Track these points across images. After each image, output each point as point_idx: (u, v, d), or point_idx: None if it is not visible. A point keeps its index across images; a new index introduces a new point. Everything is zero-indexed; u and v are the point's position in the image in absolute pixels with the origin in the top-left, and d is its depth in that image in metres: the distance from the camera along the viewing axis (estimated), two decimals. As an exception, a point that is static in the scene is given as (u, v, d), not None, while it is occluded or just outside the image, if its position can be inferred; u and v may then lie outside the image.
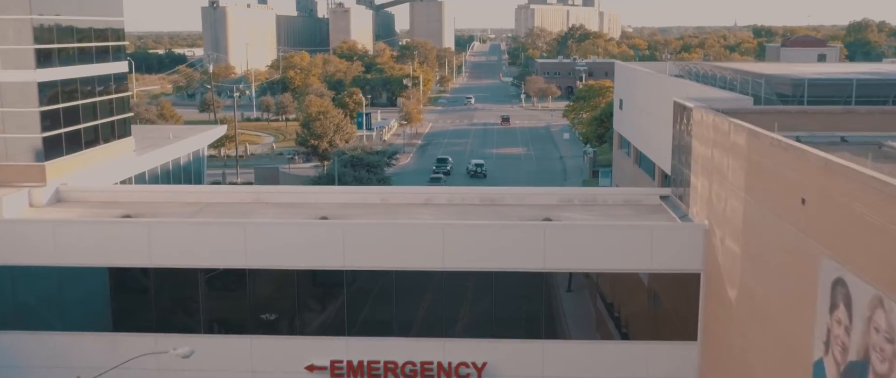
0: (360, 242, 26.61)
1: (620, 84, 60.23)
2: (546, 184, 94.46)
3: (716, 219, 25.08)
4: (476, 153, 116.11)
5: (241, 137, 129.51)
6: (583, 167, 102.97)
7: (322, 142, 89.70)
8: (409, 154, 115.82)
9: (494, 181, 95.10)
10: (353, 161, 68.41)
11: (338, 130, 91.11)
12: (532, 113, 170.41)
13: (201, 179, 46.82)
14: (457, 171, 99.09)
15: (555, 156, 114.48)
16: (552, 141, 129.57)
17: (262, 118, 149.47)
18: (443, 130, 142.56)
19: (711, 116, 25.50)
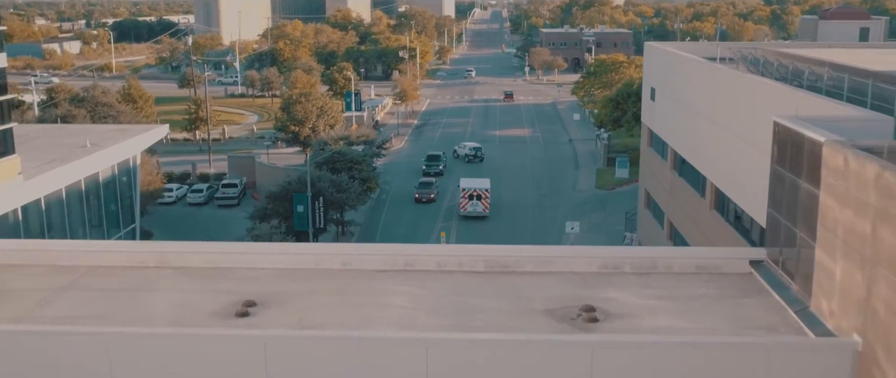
0: (294, 367, 16.59)
1: (653, 70, 49.91)
2: (554, 173, 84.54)
3: (879, 336, 15.16)
4: (476, 136, 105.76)
5: (221, 117, 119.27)
6: (596, 153, 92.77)
7: (303, 128, 79.47)
8: (404, 136, 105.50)
9: (496, 169, 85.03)
10: (333, 159, 58.23)
11: (322, 114, 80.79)
12: (537, 87, 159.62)
13: (131, 203, 36.98)
14: (452, 166, 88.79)
15: (563, 138, 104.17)
16: (560, 120, 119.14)
17: (247, 94, 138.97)
18: (441, 108, 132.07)
19: (872, 167, 15.40)
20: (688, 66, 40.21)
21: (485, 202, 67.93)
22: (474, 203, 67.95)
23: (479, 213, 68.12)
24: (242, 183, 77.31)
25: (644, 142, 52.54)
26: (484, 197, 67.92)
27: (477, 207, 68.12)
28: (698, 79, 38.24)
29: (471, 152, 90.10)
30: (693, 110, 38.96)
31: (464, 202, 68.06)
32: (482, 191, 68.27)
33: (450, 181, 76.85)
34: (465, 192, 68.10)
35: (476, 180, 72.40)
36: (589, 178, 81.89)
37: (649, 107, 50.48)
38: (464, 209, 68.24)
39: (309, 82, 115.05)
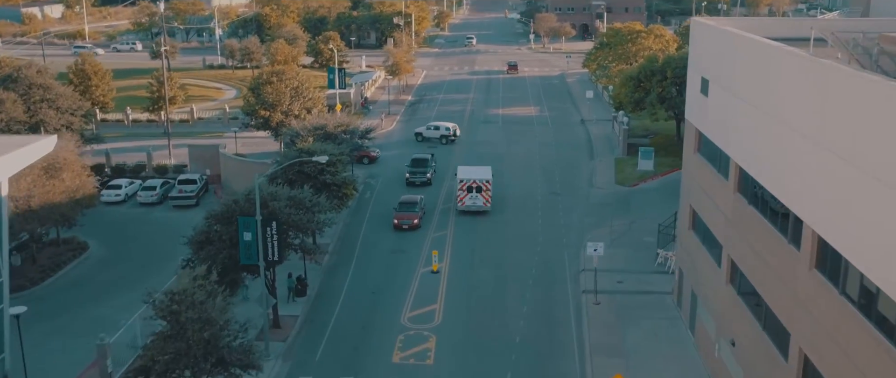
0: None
1: (705, 54, 38.51)
2: (566, 163, 73.43)
3: None
4: (476, 116, 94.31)
5: (193, 92, 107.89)
6: (613, 138, 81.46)
7: (275, 112, 68.12)
8: (396, 116, 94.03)
9: (499, 157, 73.91)
10: (300, 162, 46.91)
11: (297, 96, 69.38)
12: (543, 57, 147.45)
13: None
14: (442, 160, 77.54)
15: (575, 119, 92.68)
16: (570, 96, 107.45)
17: (228, 65, 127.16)
18: (438, 81, 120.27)
19: None
20: (774, 58, 28.84)
21: (486, 195, 58.54)
22: (473, 196, 58.56)
23: (479, 207, 58.79)
24: (203, 179, 66.21)
25: (689, 144, 41.32)
26: (485, 189, 58.44)
27: (477, 201, 58.73)
28: (793, 78, 26.94)
29: (445, 132, 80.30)
30: (781, 121, 27.72)
31: (461, 195, 58.57)
32: (483, 182, 58.44)
33: (439, 191, 65.40)
34: (462, 183, 58.48)
35: (476, 169, 61.84)
36: (607, 169, 70.69)
37: (698, 102, 39.20)
38: (462, 203, 58.74)
39: (291, 54, 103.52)
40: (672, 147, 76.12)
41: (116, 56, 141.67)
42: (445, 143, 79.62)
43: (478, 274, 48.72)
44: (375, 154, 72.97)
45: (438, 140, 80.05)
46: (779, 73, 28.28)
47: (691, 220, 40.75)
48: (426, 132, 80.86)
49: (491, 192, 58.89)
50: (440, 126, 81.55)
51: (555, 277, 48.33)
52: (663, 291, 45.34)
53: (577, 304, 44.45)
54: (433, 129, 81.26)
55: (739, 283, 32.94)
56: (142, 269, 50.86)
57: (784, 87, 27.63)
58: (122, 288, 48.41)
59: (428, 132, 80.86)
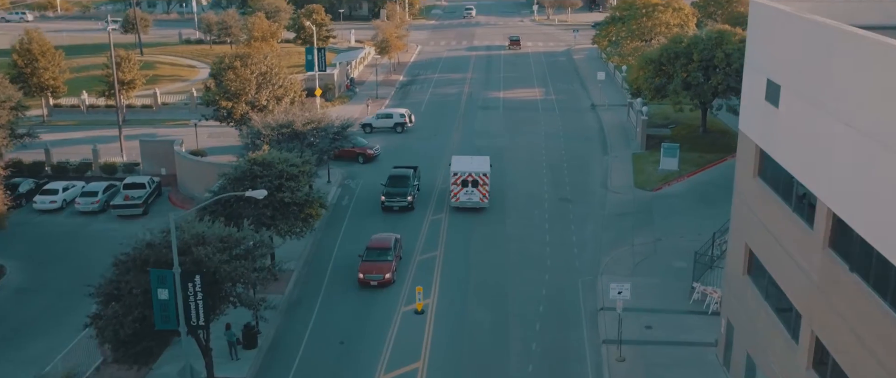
0: None
1: (774, 51, 28.84)
2: (576, 158, 64.05)
3: None
4: (474, 99, 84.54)
5: (162, 71, 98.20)
6: (629, 128, 71.87)
7: (239, 103, 58.51)
8: (384, 100, 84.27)
9: (500, 150, 64.51)
10: (252, 174, 37.54)
11: (265, 83, 59.73)
12: (548, 31, 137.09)
13: None
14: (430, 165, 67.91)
15: (584, 103, 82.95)
16: (578, 76, 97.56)
17: (205, 40, 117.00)
18: (434, 58, 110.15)
19: None
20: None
21: (483, 190, 51.56)
22: (469, 191, 51.61)
23: (475, 203, 51.76)
24: (154, 183, 56.82)
25: (745, 165, 31.90)
26: (482, 183, 51.40)
27: (473, 197, 51.78)
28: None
29: (399, 119, 71.55)
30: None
31: (455, 190, 51.67)
32: (479, 175, 51.29)
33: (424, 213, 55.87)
34: (456, 176, 51.40)
35: (472, 159, 54.50)
36: (624, 168, 61.21)
37: (760, 111, 29.72)
38: (455, 198, 51.80)
39: (269, 30, 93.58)
40: (697, 139, 66.61)
41: (88, 30, 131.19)
42: (400, 132, 70.43)
43: (472, 314, 39.52)
44: (373, 152, 63.49)
45: (391, 129, 70.69)
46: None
47: (747, 263, 31.44)
48: (376, 122, 71.00)
49: (489, 187, 51.74)
50: (392, 113, 72.15)
51: (567, 318, 39.16)
52: (704, 342, 36.19)
53: (595, 361, 35.35)
54: (384, 118, 71.65)
55: (832, 376, 23.76)
56: (66, 300, 41.80)
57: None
58: (42, 327, 39.56)
59: (378, 122, 71.06)
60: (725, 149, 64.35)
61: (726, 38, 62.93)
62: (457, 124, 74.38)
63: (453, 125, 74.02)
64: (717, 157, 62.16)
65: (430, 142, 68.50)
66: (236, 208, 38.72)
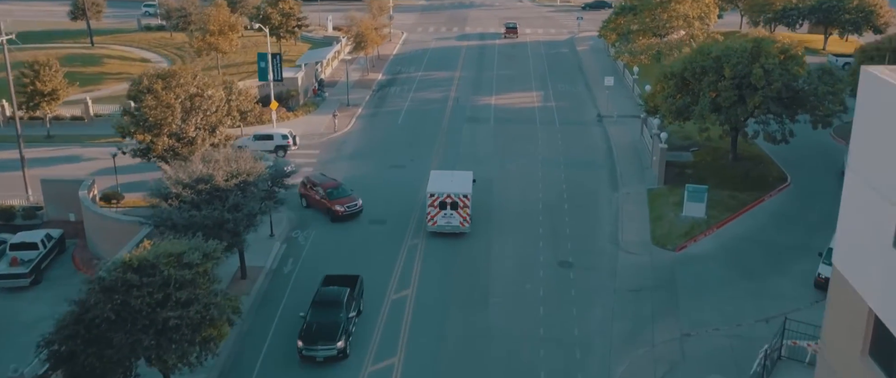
0: None
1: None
2: (579, 197, 52.80)
3: None
4: (461, 108, 72.61)
5: (113, 67, 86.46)
6: (641, 149, 60.27)
7: (160, 137, 46.90)
8: (356, 109, 72.37)
9: (488, 182, 53.18)
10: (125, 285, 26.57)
11: (194, 110, 48.06)
12: (548, 14, 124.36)
13: None
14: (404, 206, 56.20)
15: (589, 113, 71.09)
16: (581, 73, 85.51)
17: (166, 27, 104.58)
18: (419, 50, 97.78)
19: None
20: None
21: (463, 213, 45.92)
22: (448, 214, 45.96)
23: (454, 228, 46.23)
24: (51, 240, 45.47)
25: (843, 332, 20.50)
26: (462, 205, 45.73)
27: (452, 221, 46.15)
28: None
29: (281, 142, 60.52)
30: None
31: (432, 213, 46.04)
32: (459, 196, 45.66)
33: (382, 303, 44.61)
34: (433, 197, 45.70)
35: (452, 176, 48.86)
36: (638, 211, 49.77)
37: (870, 254, 18.29)
38: (433, 222, 46.20)
39: (227, 22, 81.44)
40: (726, 170, 55.15)
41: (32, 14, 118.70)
42: (283, 156, 58.58)
43: None
44: (344, 209, 48.36)
45: (272, 152, 58.69)
46: None
47: None
48: (253, 144, 58.54)
49: (470, 209, 45.82)
50: (273, 134, 60.30)
51: None
52: None
53: None
54: (263, 140, 59.78)
55: None
56: None
57: None
58: None
59: (255, 144, 58.76)
60: (761, 183, 52.98)
61: (764, 48, 51.14)
62: (438, 144, 62.69)
63: (433, 145, 62.35)
64: (753, 198, 50.76)
65: (403, 172, 56.92)
66: (105, 332, 27.55)
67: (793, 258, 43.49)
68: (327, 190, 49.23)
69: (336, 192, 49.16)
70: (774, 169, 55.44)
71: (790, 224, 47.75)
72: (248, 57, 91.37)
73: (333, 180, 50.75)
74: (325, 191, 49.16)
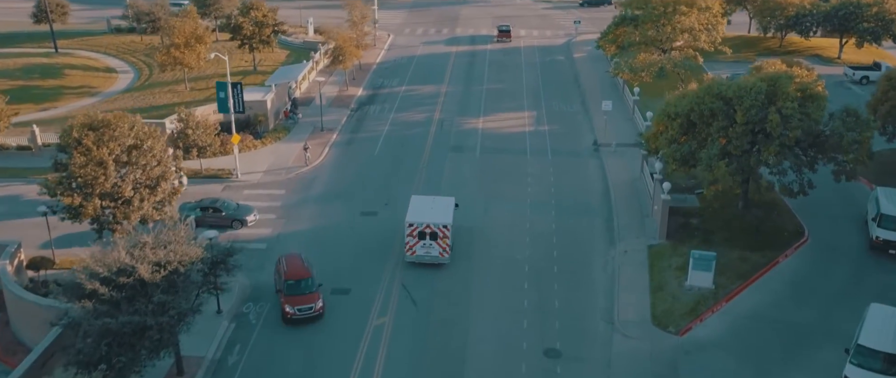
0: None
1: None
2: (568, 255, 47.21)
3: None
4: (445, 133, 66.42)
5: (75, 79, 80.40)
6: (641, 189, 54.36)
7: (91, 199, 41.01)
8: (331, 134, 66.25)
9: (467, 232, 47.57)
10: None
11: (132, 163, 42.09)
12: (544, 13, 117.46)
13: None
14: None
15: (585, 140, 64.93)
16: (577, 87, 79.24)
17: (138, 28, 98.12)
18: (405, 57, 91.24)
19: None
20: None
21: (443, 243, 44.31)
22: (427, 245, 44.37)
23: (433, 258, 44.62)
24: (-37, 321, 39.83)
25: None
26: (442, 236, 44.13)
27: (431, 251, 44.54)
28: None
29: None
30: None
31: (411, 243, 44.46)
32: (439, 227, 44.04)
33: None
34: (412, 227, 44.06)
35: (433, 203, 46.78)
36: (637, 276, 43.99)
37: None
38: (411, 252, 44.67)
39: (194, 33, 75.12)
40: (736, 220, 49.33)
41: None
42: (240, 227, 50.36)
43: None
44: (292, 313, 39.72)
45: (227, 225, 50.12)
46: None
47: None
48: (199, 214, 49.79)
49: (450, 239, 44.33)
50: (224, 205, 50.77)
51: None
52: None
53: None
54: (210, 212, 50.22)
55: None
56: None
57: None
58: None
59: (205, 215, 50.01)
60: (775, 237, 47.25)
61: (781, 87, 45.00)
62: (417, 180, 56.69)
63: (412, 182, 56.36)
64: (766, 259, 44.96)
65: (375, 221, 50.97)
66: None
67: (813, 345, 37.90)
68: (287, 281, 40.61)
69: (297, 286, 40.36)
70: (789, 219, 49.51)
71: (809, 294, 42.01)
72: (220, 67, 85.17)
73: (305, 267, 41.88)
74: (284, 280, 40.74)
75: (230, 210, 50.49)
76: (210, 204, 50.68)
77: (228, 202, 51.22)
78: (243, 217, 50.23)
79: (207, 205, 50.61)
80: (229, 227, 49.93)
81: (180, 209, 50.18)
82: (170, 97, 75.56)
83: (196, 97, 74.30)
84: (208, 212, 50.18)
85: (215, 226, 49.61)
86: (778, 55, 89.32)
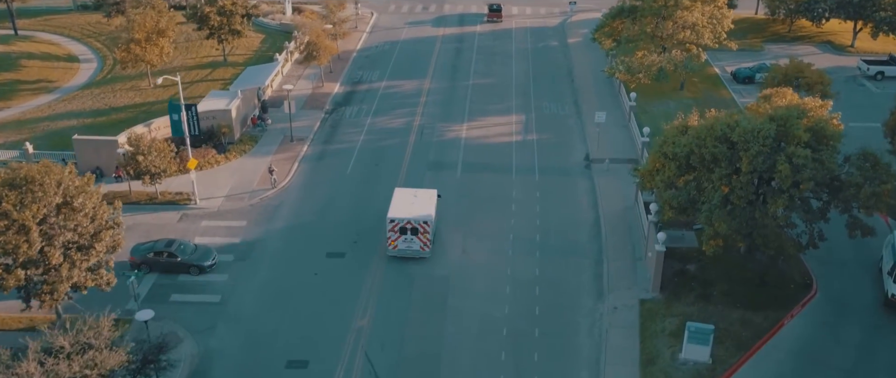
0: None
1: None
2: (556, 311, 42.87)
3: None
4: (425, 144, 61.39)
5: (31, 70, 75.05)
6: (634, 223, 49.72)
7: (13, 268, 36.38)
8: (302, 145, 61.28)
9: (442, 280, 43.47)
10: None
11: (61, 225, 37.37)
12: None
13: None
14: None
15: (576, 154, 59.93)
16: (570, 82, 73.72)
17: (104, 8, 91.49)
18: (388, 44, 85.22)
19: None
20: None
21: (423, 237, 45.67)
22: (408, 239, 45.70)
23: (414, 252, 45.97)
24: None
25: None
26: (422, 231, 45.46)
27: (412, 245, 45.88)
28: None
29: None
30: None
31: (393, 237, 45.80)
32: (419, 222, 45.36)
33: None
34: (394, 223, 45.48)
35: (414, 197, 47.72)
36: (627, 347, 39.68)
37: None
38: (393, 247, 46.07)
39: (156, 28, 69.33)
40: (736, 269, 44.72)
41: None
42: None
43: None
44: None
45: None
46: None
47: None
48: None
49: (431, 235, 45.83)
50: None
51: None
52: None
53: None
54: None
55: None
56: None
57: None
58: None
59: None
60: (779, 290, 43.03)
61: (791, 130, 39.97)
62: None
63: (386, 208, 51.64)
64: (770, 322, 40.70)
65: (340, 265, 46.43)
66: None
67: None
68: None
69: None
70: (796, 265, 44.99)
71: (816, 370, 37.80)
72: (189, 56, 79.57)
73: None
74: None
75: (187, 254, 45.79)
76: (165, 247, 45.88)
77: (186, 244, 46.48)
78: (201, 262, 45.59)
79: (161, 248, 45.83)
80: (186, 272, 45.46)
81: (133, 251, 45.83)
82: (132, 96, 70.29)
83: (159, 96, 69.05)
84: (162, 256, 45.54)
85: (170, 271, 45.23)
86: (786, 41, 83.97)
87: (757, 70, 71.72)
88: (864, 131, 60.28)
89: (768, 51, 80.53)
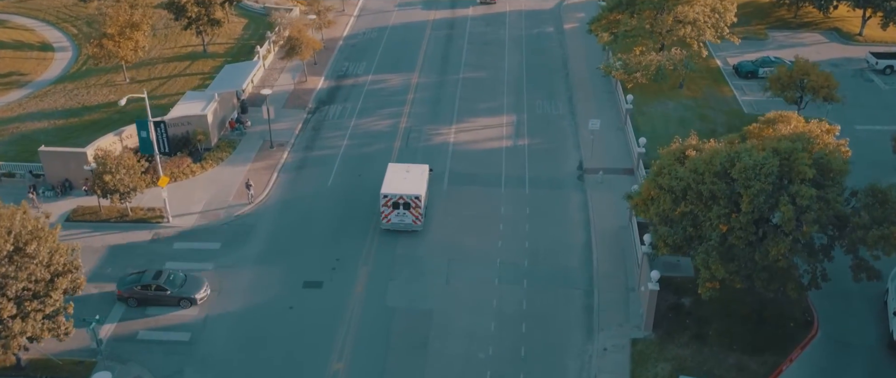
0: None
1: None
2: (536, 355, 40.63)
3: None
4: (414, 145, 58.65)
5: (2, 62, 72.00)
6: (627, 247, 47.33)
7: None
8: (282, 151, 58.59)
9: (425, 315, 41.19)
10: None
11: (12, 275, 34.97)
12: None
13: None
14: None
15: (569, 163, 57.22)
16: (565, 76, 70.64)
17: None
18: (375, 31, 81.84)
19: None
20: None
21: (415, 211, 47.92)
22: (401, 214, 47.98)
23: (407, 226, 48.33)
24: None
25: None
26: (414, 206, 47.67)
27: (405, 219, 48.17)
28: None
29: None
30: None
31: (386, 212, 48.05)
32: (411, 198, 47.49)
33: None
34: (387, 199, 47.66)
35: (406, 172, 49.91)
36: (615, 393, 37.77)
37: None
38: (386, 220, 48.31)
39: (129, 21, 65.99)
40: (735, 302, 42.50)
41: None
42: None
43: None
44: None
45: None
46: None
47: None
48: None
49: (422, 210, 47.88)
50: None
51: None
52: None
53: None
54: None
55: None
56: None
57: None
58: None
59: None
60: (778, 330, 40.66)
61: (796, 165, 37.24)
62: (372, 232, 49.34)
63: (367, 233, 49.11)
64: (767, 368, 38.48)
65: (318, 296, 44.14)
66: None
67: None
68: None
69: None
70: (797, 300, 42.60)
71: (817, 426, 35.86)
72: (167, 46, 76.25)
73: None
74: None
75: (176, 286, 43.11)
76: (152, 280, 43.31)
77: (175, 275, 43.81)
78: (192, 294, 43.08)
79: (149, 281, 43.26)
80: (176, 306, 43.12)
81: (119, 284, 43.41)
82: (106, 93, 67.25)
83: (135, 91, 66.00)
84: (150, 289, 42.99)
85: (159, 304, 42.86)
86: (791, 28, 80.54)
87: (760, 64, 68.56)
88: (871, 136, 57.56)
89: (772, 39, 77.17)
